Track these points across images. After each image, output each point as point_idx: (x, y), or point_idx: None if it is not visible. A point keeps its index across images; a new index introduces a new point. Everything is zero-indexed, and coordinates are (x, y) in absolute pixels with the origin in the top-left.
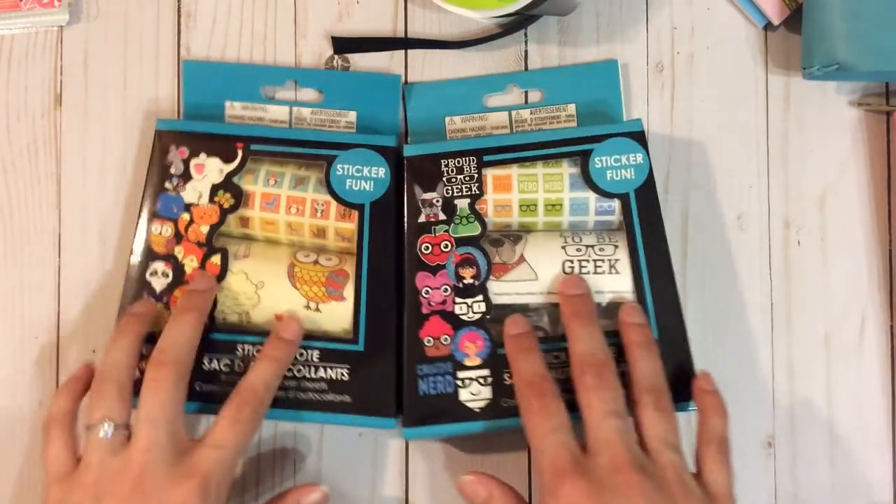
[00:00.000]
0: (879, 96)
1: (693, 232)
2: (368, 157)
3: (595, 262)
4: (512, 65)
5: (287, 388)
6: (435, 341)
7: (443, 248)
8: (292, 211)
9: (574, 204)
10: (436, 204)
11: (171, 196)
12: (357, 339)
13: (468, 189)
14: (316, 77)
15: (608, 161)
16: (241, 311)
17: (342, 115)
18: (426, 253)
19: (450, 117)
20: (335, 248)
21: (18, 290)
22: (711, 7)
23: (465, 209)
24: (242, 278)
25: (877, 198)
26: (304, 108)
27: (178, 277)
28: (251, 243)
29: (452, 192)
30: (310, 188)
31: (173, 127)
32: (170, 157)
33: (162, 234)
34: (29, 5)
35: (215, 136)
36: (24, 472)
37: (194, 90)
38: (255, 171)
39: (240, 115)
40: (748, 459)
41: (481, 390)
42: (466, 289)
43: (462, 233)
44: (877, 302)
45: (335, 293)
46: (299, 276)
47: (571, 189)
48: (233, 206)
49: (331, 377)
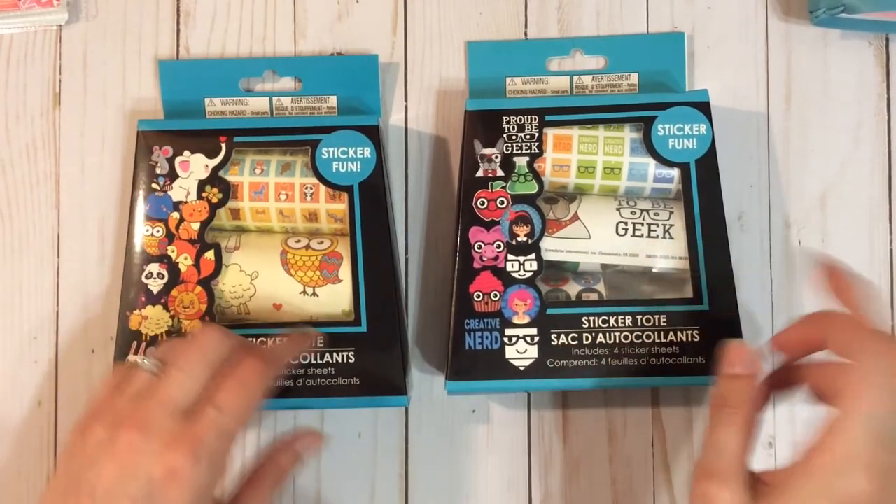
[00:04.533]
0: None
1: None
2: (353, 138)
3: (649, 226)
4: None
5: (295, 377)
6: (484, 296)
7: (498, 205)
8: (282, 197)
9: (633, 169)
10: (494, 160)
11: (159, 196)
12: (359, 321)
13: (528, 147)
14: (294, 65)
15: (671, 129)
16: (238, 303)
17: (323, 100)
18: (481, 208)
19: (510, 78)
20: (329, 231)
21: (17, 290)
22: (712, 6)
23: (524, 167)
24: (236, 270)
25: (877, 198)
26: (284, 97)
27: (174, 277)
28: (241, 234)
29: (512, 149)
30: (297, 173)
31: (155, 127)
32: (154, 157)
33: (154, 236)
34: (27, 4)
35: (198, 132)
36: (24, 472)
37: (172, 89)
38: (240, 161)
39: (220, 111)
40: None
41: (528, 349)
42: (519, 246)
43: (519, 190)
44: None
45: (330, 276)
46: (293, 263)
47: (632, 154)
48: (221, 200)
49: (337, 361)
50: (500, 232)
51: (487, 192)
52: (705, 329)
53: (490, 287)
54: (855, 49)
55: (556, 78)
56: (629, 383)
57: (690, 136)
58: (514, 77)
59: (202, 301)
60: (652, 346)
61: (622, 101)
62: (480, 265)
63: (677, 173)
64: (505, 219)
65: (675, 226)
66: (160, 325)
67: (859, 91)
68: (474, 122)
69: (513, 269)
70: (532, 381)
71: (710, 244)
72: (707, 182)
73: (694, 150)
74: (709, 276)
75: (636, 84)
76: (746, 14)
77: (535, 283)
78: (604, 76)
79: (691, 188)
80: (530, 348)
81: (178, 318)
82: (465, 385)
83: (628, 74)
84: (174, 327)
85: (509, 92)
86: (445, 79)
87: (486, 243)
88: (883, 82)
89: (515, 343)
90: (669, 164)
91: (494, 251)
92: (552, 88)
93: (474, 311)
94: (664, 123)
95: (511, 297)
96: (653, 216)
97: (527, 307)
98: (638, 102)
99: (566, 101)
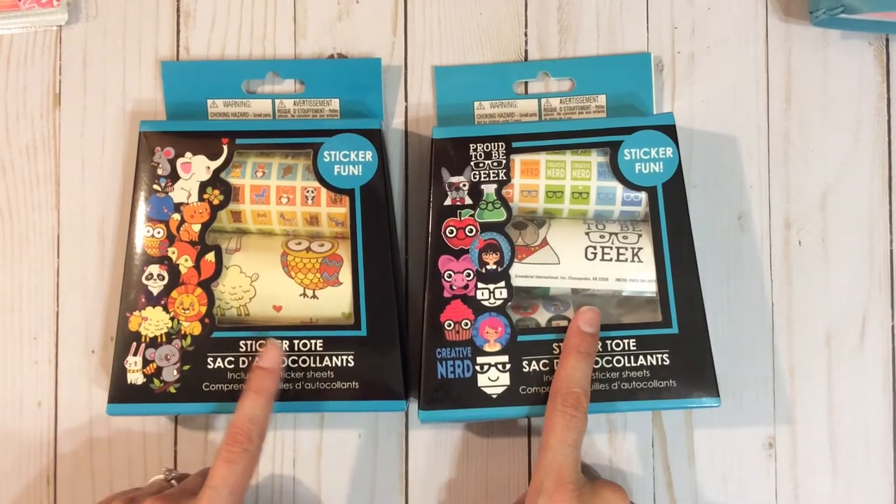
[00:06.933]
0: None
1: (693, 232)
2: (354, 141)
3: (618, 250)
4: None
5: (294, 380)
6: (455, 325)
7: (467, 233)
8: (283, 200)
9: (601, 193)
10: (462, 188)
11: (161, 197)
12: (359, 324)
13: (495, 174)
14: (296, 67)
15: (637, 153)
16: (238, 305)
17: (325, 103)
18: (450, 236)
19: (479, 102)
20: (330, 234)
21: (17, 291)
22: (712, 6)
23: (492, 195)
24: (236, 272)
25: (877, 198)
26: (286, 99)
27: (174, 279)
28: (241, 236)
29: (480, 176)
30: (298, 176)
31: (157, 128)
32: (156, 158)
33: (155, 237)
34: (28, 5)
35: (200, 133)
36: (24, 472)
37: (175, 90)
38: (242, 164)
39: (223, 112)
40: (748, 460)
41: (500, 376)
42: (489, 274)
43: (487, 218)
44: (878, 302)
45: (330, 278)
46: (293, 265)
47: (599, 178)
48: (222, 202)
49: (336, 365)
50: (469, 260)
51: (456, 220)
52: (675, 352)
53: (461, 316)
54: (855, 49)
55: (525, 101)
56: (600, 409)
57: (657, 160)
58: (483, 101)
59: (202, 303)
60: (622, 370)
61: (589, 127)
62: (451, 294)
63: (645, 196)
64: (474, 247)
65: (644, 249)
66: (160, 326)
67: (859, 91)
68: (441, 150)
69: (483, 297)
70: (505, 408)
71: (679, 267)
72: (674, 205)
73: (660, 173)
74: (677, 299)
75: (604, 105)
76: (746, 14)
77: (506, 311)
78: (571, 98)
79: (658, 211)
80: (502, 376)
81: (178, 319)
82: (437, 414)
83: (596, 96)
84: (174, 329)
85: (478, 116)
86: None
87: (456, 272)
88: (883, 82)
89: (487, 371)
90: (636, 188)
91: (464, 280)
92: (521, 111)
93: (445, 340)
94: (630, 148)
95: (482, 325)
96: (622, 239)
97: (498, 335)
98: (604, 127)
99: (533, 126)
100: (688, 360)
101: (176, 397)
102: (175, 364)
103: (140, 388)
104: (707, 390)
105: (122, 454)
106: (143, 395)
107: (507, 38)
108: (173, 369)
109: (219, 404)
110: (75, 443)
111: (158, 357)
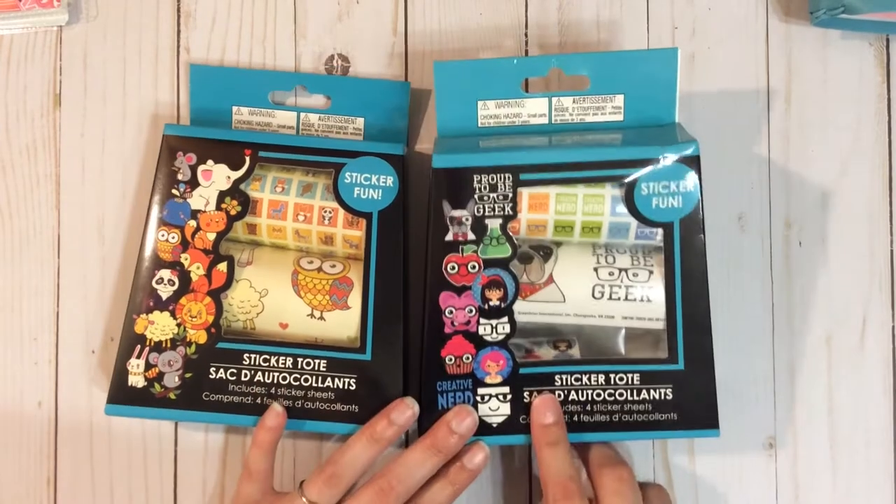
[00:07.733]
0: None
1: None
2: (376, 165)
3: (627, 289)
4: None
5: (294, 398)
6: (456, 359)
7: (470, 269)
8: (300, 218)
9: (613, 227)
10: (465, 222)
11: (178, 203)
12: (364, 349)
13: (501, 209)
14: (324, 83)
15: (656, 187)
16: (245, 318)
17: (350, 121)
18: (452, 273)
19: (483, 101)
20: (342, 255)
21: (18, 291)
22: (713, 6)
23: (497, 230)
24: (246, 286)
25: (877, 198)
26: (311, 113)
27: (185, 285)
28: (254, 249)
29: (484, 210)
30: (317, 195)
31: (181, 132)
32: (177, 162)
33: (168, 241)
34: (28, 5)
35: (223, 142)
36: (24, 472)
37: (201, 94)
38: (262, 177)
39: (247, 121)
40: (749, 460)
41: (500, 406)
42: (492, 310)
43: (491, 254)
44: (878, 302)
45: (339, 302)
46: (303, 284)
47: (612, 213)
48: (240, 213)
49: (338, 387)
50: (471, 297)
51: (458, 256)
52: (679, 388)
53: (462, 350)
54: (855, 49)
55: (533, 100)
56: (600, 438)
57: (676, 195)
58: (487, 101)
59: (210, 312)
60: (625, 402)
61: (604, 158)
62: (452, 330)
63: (660, 232)
64: (477, 283)
65: (654, 288)
66: (166, 331)
67: (859, 91)
68: (443, 181)
69: (485, 333)
70: (505, 436)
71: (690, 305)
72: (691, 241)
73: (679, 208)
74: (686, 337)
75: (621, 107)
76: (746, 14)
77: (508, 345)
78: (586, 98)
79: (674, 249)
80: (503, 406)
81: (185, 326)
82: None
83: (613, 96)
84: (179, 335)
85: (481, 118)
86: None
87: (458, 308)
88: (883, 83)
89: (488, 401)
90: (652, 225)
91: (466, 316)
92: (528, 112)
93: (446, 374)
94: (649, 181)
95: (483, 359)
96: (631, 277)
97: (499, 367)
98: (621, 159)
99: (543, 156)
100: (691, 395)
101: (175, 403)
102: (177, 370)
103: (140, 391)
104: (708, 423)
105: (122, 454)
106: (143, 399)
107: (508, 38)
108: (175, 375)
109: (217, 415)
110: (75, 443)
111: (161, 362)
